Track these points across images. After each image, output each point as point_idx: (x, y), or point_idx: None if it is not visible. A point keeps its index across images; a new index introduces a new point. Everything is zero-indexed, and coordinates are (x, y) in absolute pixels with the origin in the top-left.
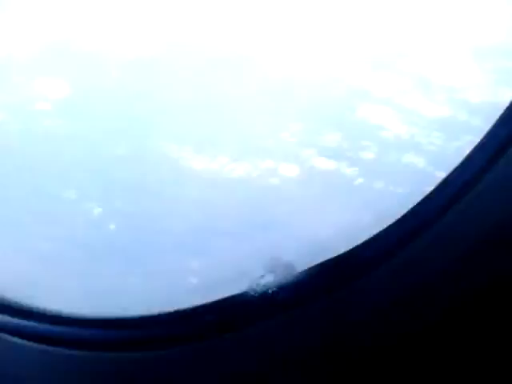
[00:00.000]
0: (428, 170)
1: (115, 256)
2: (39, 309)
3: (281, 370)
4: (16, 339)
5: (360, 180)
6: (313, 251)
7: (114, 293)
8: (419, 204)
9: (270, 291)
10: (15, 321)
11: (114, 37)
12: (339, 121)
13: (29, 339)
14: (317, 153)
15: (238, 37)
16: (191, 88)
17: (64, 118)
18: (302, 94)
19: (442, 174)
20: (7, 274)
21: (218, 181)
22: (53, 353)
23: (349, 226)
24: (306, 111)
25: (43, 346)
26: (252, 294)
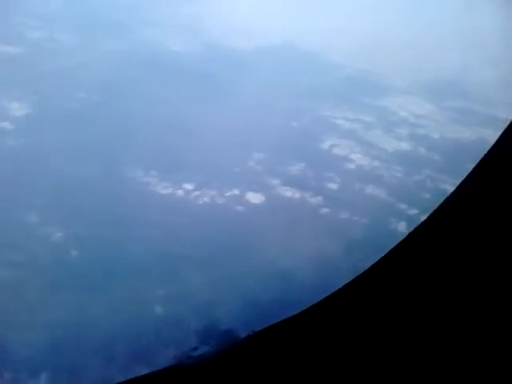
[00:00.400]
0: (389, 202)
1: (76, 284)
2: None
3: None
4: None
5: (325, 209)
6: (278, 284)
7: (76, 324)
8: None
9: (204, 363)
10: None
11: (79, 56)
12: (303, 151)
13: None
14: (282, 182)
15: (209, 63)
16: (159, 113)
17: (25, 137)
18: (268, 124)
19: (403, 206)
20: None
21: (183, 207)
22: None
23: (316, 255)
24: (271, 141)
25: None
26: (185, 365)
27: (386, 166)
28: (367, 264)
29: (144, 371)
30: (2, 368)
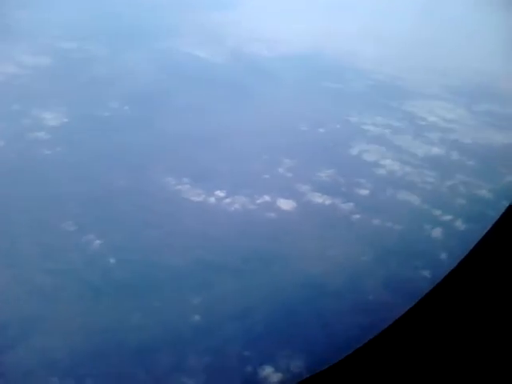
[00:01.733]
0: (424, 208)
1: (116, 291)
2: None
3: None
4: None
5: (357, 216)
6: (312, 292)
7: (116, 330)
8: None
9: None
10: None
11: (109, 67)
12: (333, 157)
13: None
14: (312, 188)
15: (236, 72)
16: (190, 122)
17: (62, 146)
18: (296, 131)
19: (437, 212)
20: (8, 306)
21: (216, 214)
22: None
23: (349, 262)
24: (300, 147)
25: None
26: None
27: (417, 172)
28: (402, 271)
29: (183, 379)
30: (48, 374)
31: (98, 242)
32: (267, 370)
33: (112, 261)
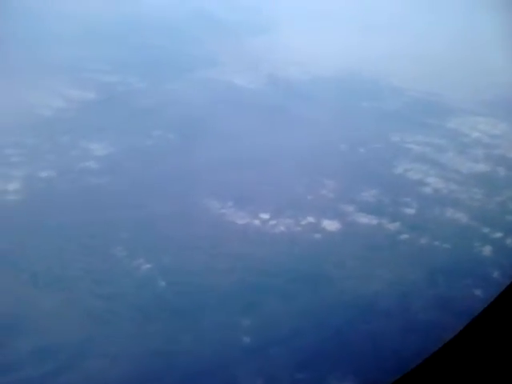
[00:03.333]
0: (473, 225)
1: (166, 313)
2: None
3: None
4: None
5: (404, 235)
6: (360, 312)
7: (167, 353)
8: None
9: None
10: None
11: (149, 98)
12: (376, 177)
13: None
14: (356, 208)
15: (274, 96)
16: (230, 147)
17: (109, 175)
18: (336, 151)
19: (486, 229)
20: (60, 329)
21: (262, 236)
22: None
23: (398, 282)
24: (341, 168)
25: None
26: None
27: (463, 189)
28: (453, 292)
29: None
30: None
31: (147, 266)
32: None
33: (162, 284)
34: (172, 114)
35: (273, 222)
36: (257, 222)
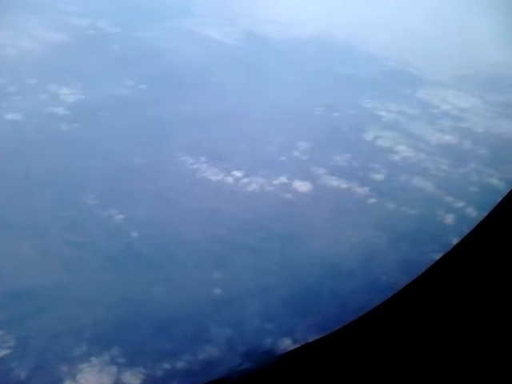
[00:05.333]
0: (438, 194)
1: (138, 264)
2: None
3: None
4: None
5: (372, 200)
6: (327, 271)
7: (139, 302)
8: None
9: (246, 378)
10: None
11: (128, 47)
12: (347, 142)
13: None
14: (328, 171)
15: (251, 53)
16: (205, 102)
17: (79, 122)
18: (311, 114)
19: (450, 199)
20: (31, 275)
21: (234, 194)
22: None
23: (363, 245)
24: (315, 131)
25: None
26: (231, 379)
27: (431, 159)
28: (415, 256)
29: (202, 352)
30: (76, 340)
31: (120, 216)
32: (286, 342)
33: (134, 235)
34: (145, 64)
35: (246, 180)
36: (230, 179)
